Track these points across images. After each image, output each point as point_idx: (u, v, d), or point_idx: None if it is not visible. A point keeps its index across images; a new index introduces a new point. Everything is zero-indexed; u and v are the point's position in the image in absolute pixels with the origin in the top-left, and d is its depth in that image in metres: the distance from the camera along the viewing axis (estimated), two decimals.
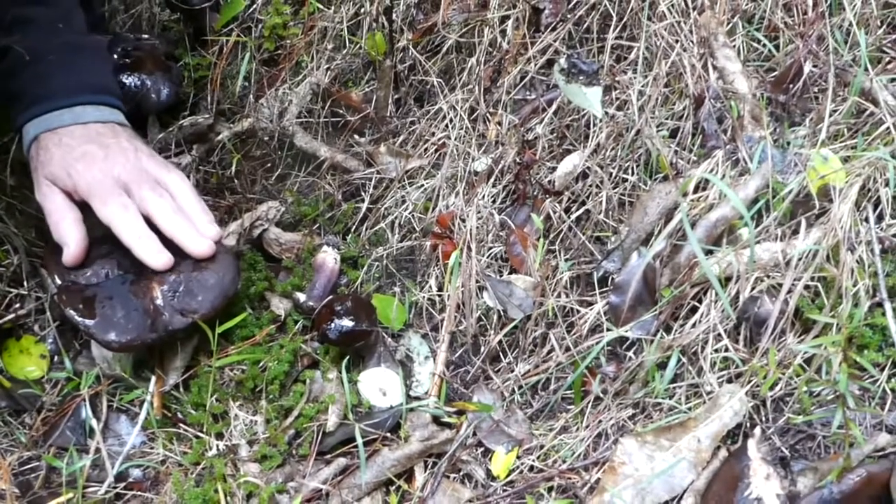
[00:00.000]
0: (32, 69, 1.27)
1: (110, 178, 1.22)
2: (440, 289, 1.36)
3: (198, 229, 1.26)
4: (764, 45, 1.37)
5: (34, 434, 1.19)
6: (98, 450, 1.18)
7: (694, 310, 1.19)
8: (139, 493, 1.16)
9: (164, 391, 1.24)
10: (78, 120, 1.26)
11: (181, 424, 1.24)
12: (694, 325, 1.17)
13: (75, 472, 1.14)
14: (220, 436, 1.23)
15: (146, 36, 1.71)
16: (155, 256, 1.22)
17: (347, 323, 1.26)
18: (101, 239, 1.31)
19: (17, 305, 1.29)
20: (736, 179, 1.22)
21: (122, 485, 1.16)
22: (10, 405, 1.20)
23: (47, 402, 1.23)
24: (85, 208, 1.24)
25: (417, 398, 1.27)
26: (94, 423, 1.20)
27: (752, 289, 1.14)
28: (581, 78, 1.21)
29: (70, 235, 1.21)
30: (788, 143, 1.25)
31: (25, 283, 1.30)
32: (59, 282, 1.21)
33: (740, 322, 1.15)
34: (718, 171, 1.22)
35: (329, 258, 1.40)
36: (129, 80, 1.59)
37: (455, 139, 1.42)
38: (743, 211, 1.08)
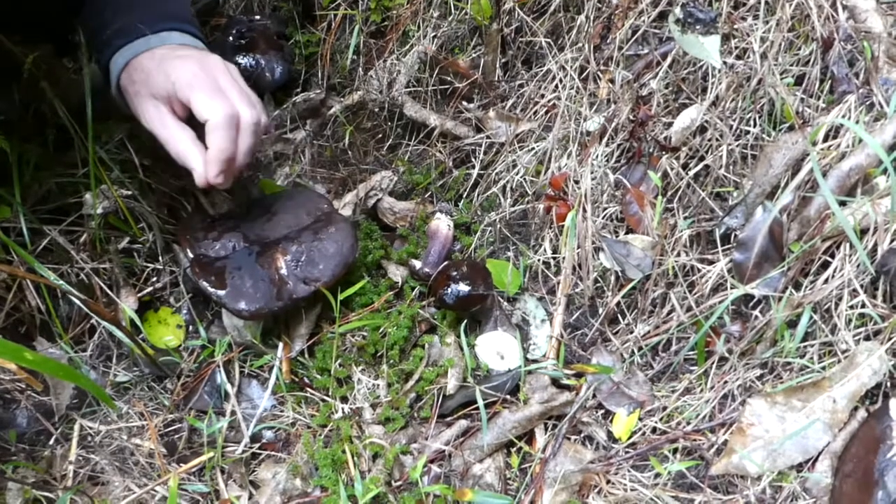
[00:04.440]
0: (114, 5, 1.26)
1: (211, 76, 1.18)
2: (555, 251, 1.35)
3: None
4: None
5: (175, 398, 1.27)
6: (234, 412, 1.24)
7: (826, 265, 1.13)
8: (272, 452, 1.22)
9: (290, 357, 1.30)
10: (165, 42, 1.24)
11: (308, 389, 1.29)
12: (826, 281, 1.11)
13: (214, 433, 1.21)
14: (344, 399, 1.27)
15: (258, 17, 1.76)
16: (222, 176, 1.19)
17: (463, 288, 1.27)
18: (227, 214, 1.38)
19: (154, 279, 1.37)
20: (871, 125, 1.14)
21: (257, 445, 1.22)
22: (153, 371, 1.28)
23: (185, 368, 1.30)
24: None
25: (535, 361, 1.27)
26: (228, 387, 1.27)
27: (892, 241, 1.07)
28: (698, 27, 1.16)
29: (194, 156, 1.18)
30: None
31: (160, 259, 1.38)
32: (191, 255, 1.27)
33: (879, 276, 1.08)
34: (851, 116, 1.14)
35: (442, 225, 1.42)
36: (245, 60, 1.65)
37: (565, 99, 1.40)
38: (883, 156, 1.01)
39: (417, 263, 1.38)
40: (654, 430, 1.16)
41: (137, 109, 1.22)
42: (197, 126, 1.19)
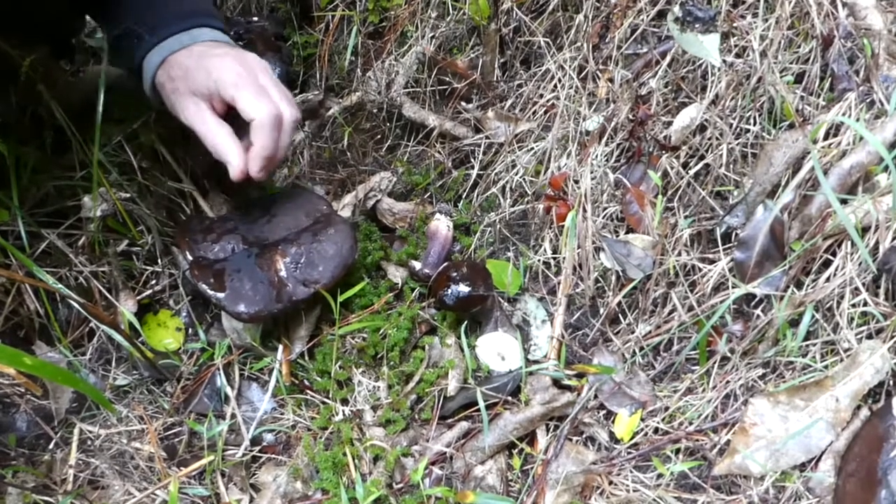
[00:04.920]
0: (139, 3, 1.27)
1: (252, 75, 1.21)
2: (555, 251, 1.34)
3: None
4: None
5: (175, 401, 1.26)
6: (234, 416, 1.24)
7: (827, 263, 1.12)
8: (273, 456, 1.21)
9: (290, 360, 1.29)
10: (197, 40, 1.25)
11: (308, 391, 1.28)
12: (828, 280, 1.11)
13: (215, 437, 1.20)
14: (345, 401, 1.26)
15: (256, 18, 1.76)
16: (264, 171, 1.21)
17: (464, 289, 1.26)
18: (226, 216, 1.37)
19: (154, 282, 1.37)
20: (872, 123, 1.14)
21: (258, 448, 1.22)
22: (153, 375, 1.28)
23: (185, 371, 1.30)
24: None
25: (536, 362, 1.26)
26: (228, 390, 1.26)
27: (894, 239, 1.07)
28: (697, 26, 1.16)
29: (231, 151, 1.20)
30: None
31: (159, 261, 1.37)
32: (190, 257, 1.27)
33: (880, 274, 1.08)
34: (852, 114, 1.14)
35: (442, 225, 1.41)
36: None
37: (564, 99, 1.39)
38: (884, 154, 1.01)
39: (417, 264, 1.37)
40: (656, 430, 1.16)
41: (175, 106, 1.23)
42: (231, 121, 1.21)
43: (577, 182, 1.32)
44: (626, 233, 1.30)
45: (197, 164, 1.45)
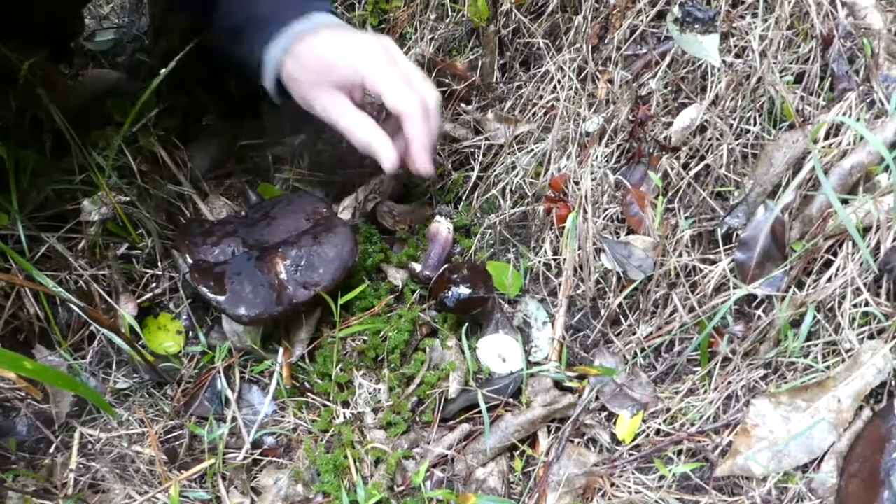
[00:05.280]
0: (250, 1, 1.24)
1: (396, 64, 1.19)
2: (556, 253, 1.34)
3: None
4: None
5: (176, 405, 1.26)
6: (234, 419, 1.23)
7: (829, 263, 1.12)
8: (274, 459, 1.21)
9: (291, 362, 1.29)
10: (318, 24, 1.21)
11: (309, 394, 1.28)
12: (830, 280, 1.10)
13: (215, 440, 1.20)
14: (346, 404, 1.26)
15: None
16: (431, 163, 1.21)
17: (464, 291, 1.26)
18: (225, 219, 1.37)
19: (154, 285, 1.37)
20: (872, 122, 1.13)
21: (258, 451, 1.22)
22: (153, 378, 1.28)
23: (185, 374, 1.30)
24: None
25: (537, 363, 1.26)
26: (228, 393, 1.26)
27: (895, 238, 1.07)
28: (696, 26, 1.16)
29: (383, 143, 1.18)
30: None
31: (159, 264, 1.37)
32: (190, 260, 1.27)
33: (882, 274, 1.08)
34: (852, 114, 1.14)
35: (442, 227, 1.41)
36: None
37: (564, 100, 1.39)
38: (885, 153, 1.00)
39: (417, 266, 1.37)
40: (657, 431, 1.15)
41: (312, 100, 1.20)
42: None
43: (577, 183, 1.32)
44: (627, 234, 1.30)
45: (197, 167, 1.45)
